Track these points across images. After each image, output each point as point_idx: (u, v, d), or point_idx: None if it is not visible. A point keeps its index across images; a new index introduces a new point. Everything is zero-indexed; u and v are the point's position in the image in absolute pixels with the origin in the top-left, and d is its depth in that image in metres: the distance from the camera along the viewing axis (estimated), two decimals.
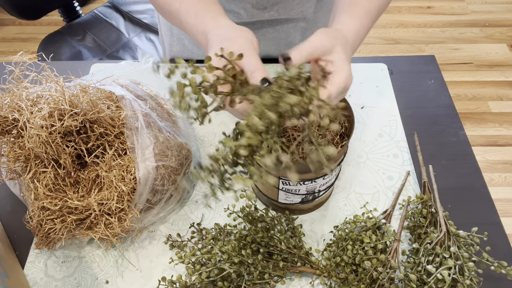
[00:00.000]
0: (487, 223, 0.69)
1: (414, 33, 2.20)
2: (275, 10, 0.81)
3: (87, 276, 0.65)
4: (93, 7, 2.27)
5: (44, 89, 0.62)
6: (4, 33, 2.23)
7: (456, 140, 0.80)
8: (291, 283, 0.64)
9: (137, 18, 1.44)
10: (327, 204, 0.72)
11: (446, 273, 0.54)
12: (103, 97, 0.64)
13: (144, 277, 0.65)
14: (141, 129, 0.62)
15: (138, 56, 0.79)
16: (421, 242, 0.63)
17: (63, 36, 1.38)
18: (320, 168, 0.44)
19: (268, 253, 0.62)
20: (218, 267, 0.57)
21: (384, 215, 0.67)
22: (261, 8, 0.80)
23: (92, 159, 0.62)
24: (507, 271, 0.56)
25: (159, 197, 0.66)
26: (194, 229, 0.67)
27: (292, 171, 0.42)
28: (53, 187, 0.61)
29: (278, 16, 0.82)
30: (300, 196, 0.65)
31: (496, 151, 1.73)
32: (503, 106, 1.87)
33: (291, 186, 0.62)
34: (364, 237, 0.61)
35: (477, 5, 2.31)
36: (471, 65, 2.04)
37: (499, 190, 1.61)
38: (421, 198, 0.68)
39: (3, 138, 0.61)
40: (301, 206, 0.69)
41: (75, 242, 0.67)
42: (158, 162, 0.63)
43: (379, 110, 0.85)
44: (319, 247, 0.68)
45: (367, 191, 0.74)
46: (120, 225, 0.61)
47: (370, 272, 0.58)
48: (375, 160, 0.77)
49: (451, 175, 0.75)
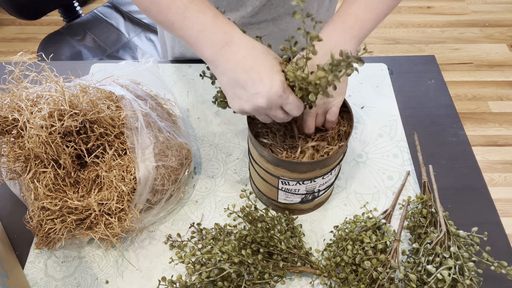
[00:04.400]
0: (487, 223, 0.69)
1: (414, 33, 2.20)
2: (281, 6, 0.81)
3: (87, 276, 0.65)
4: (93, 7, 2.27)
5: (44, 89, 0.62)
6: (4, 33, 2.23)
7: (456, 140, 0.80)
8: (291, 283, 0.64)
9: (137, 18, 1.44)
10: (327, 204, 0.72)
11: (446, 273, 0.54)
12: (103, 97, 0.64)
13: (144, 277, 0.65)
14: (141, 129, 0.62)
15: (138, 56, 0.79)
16: (421, 242, 0.63)
17: (63, 36, 1.38)
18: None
19: (268, 253, 0.62)
20: (218, 267, 0.57)
21: (384, 215, 0.67)
22: (268, 4, 0.80)
23: (92, 159, 0.62)
24: (507, 271, 0.56)
25: (159, 197, 0.66)
26: (194, 229, 0.67)
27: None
28: (53, 187, 0.61)
29: (283, 11, 0.83)
30: (300, 196, 0.65)
31: (496, 151, 1.72)
32: (503, 106, 1.87)
33: (290, 186, 0.62)
34: (364, 237, 0.61)
35: (477, 5, 2.31)
36: (471, 65, 2.04)
37: (499, 190, 1.61)
38: (421, 198, 0.68)
39: (3, 138, 0.61)
40: (301, 206, 0.69)
41: (75, 242, 0.67)
42: (158, 162, 0.63)
43: (379, 110, 0.85)
44: (319, 247, 0.68)
45: (367, 191, 0.74)
46: (120, 225, 0.61)
47: (370, 272, 0.58)
48: (375, 160, 0.77)
49: (451, 175, 0.75)
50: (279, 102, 0.51)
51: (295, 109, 0.53)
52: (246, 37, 0.53)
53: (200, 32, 0.53)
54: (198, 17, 0.53)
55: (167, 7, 0.54)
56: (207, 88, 0.89)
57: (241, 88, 0.52)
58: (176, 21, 0.54)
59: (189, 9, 0.53)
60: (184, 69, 0.92)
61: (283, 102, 0.51)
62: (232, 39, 0.52)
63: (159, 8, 0.55)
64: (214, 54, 0.53)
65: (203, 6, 0.53)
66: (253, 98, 0.51)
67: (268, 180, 0.64)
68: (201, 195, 0.74)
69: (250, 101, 0.51)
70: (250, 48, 0.52)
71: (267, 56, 0.52)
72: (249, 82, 0.51)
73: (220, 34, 0.52)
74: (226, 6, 0.80)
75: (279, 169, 0.60)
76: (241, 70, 0.51)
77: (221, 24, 0.53)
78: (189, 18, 0.53)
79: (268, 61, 0.52)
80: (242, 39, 0.52)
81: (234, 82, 0.52)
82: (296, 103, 0.52)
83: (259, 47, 0.53)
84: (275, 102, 0.51)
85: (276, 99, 0.51)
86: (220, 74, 0.54)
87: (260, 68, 0.51)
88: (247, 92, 0.51)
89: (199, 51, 0.54)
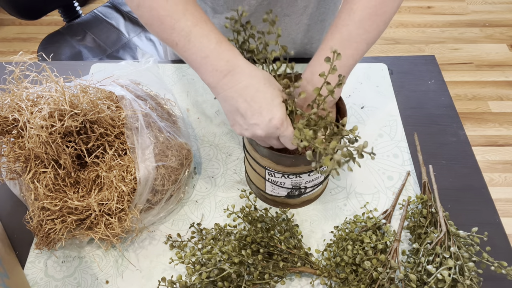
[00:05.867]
0: (487, 223, 0.69)
1: (414, 33, 2.20)
2: (279, 5, 0.81)
3: (87, 276, 0.65)
4: (93, 7, 2.27)
5: (44, 89, 0.62)
6: (4, 33, 2.23)
7: (456, 140, 0.80)
8: (291, 283, 0.64)
9: (137, 18, 1.44)
10: (327, 204, 0.72)
11: (446, 273, 0.54)
12: (103, 97, 0.64)
13: (144, 277, 0.65)
14: (141, 129, 0.62)
15: (138, 56, 0.79)
16: (421, 242, 0.63)
17: (63, 36, 1.38)
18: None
19: (268, 253, 0.62)
20: (218, 267, 0.57)
21: (384, 215, 0.67)
22: (265, 3, 0.80)
23: (92, 159, 0.62)
24: (507, 271, 0.56)
25: (159, 197, 0.66)
26: (194, 229, 0.67)
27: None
28: (53, 187, 0.61)
29: (281, 11, 0.82)
30: (286, 190, 0.66)
31: (496, 151, 1.73)
32: (503, 106, 1.87)
33: (276, 178, 0.63)
34: (364, 237, 0.61)
35: (477, 5, 2.31)
36: (471, 65, 2.04)
37: (499, 190, 1.61)
38: (421, 198, 0.68)
39: (3, 138, 0.61)
40: (288, 201, 0.69)
41: (75, 242, 0.67)
42: (158, 162, 0.63)
43: (379, 110, 0.85)
44: (319, 247, 0.68)
45: (367, 191, 0.74)
46: (120, 225, 0.61)
47: (370, 272, 0.58)
48: (375, 160, 0.77)
49: (451, 175, 0.75)
50: (276, 133, 0.53)
51: (289, 142, 0.55)
52: (248, 65, 0.54)
53: (203, 58, 0.53)
54: (202, 42, 0.53)
55: (171, 27, 0.54)
56: (207, 88, 0.89)
57: (241, 117, 0.53)
58: (180, 42, 0.54)
59: (193, 33, 0.53)
60: (184, 69, 0.92)
61: (280, 134, 0.53)
62: (235, 68, 0.53)
63: (163, 26, 0.55)
64: (216, 82, 0.54)
65: (206, 29, 0.53)
66: (252, 128, 0.53)
67: (257, 169, 0.65)
68: (201, 195, 0.74)
69: (250, 130, 0.53)
70: (253, 78, 0.53)
71: (268, 88, 0.53)
72: (248, 113, 0.52)
73: (223, 62, 0.53)
74: (223, 4, 0.80)
75: (265, 159, 0.61)
76: (242, 100, 0.52)
77: (224, 51, 0.53)
78: (193, 42, 0.53)
79: (269, 93, 0.52)
80: (244, 68, 0.53)
81: (235, 110, 0.53)
82: (291, 137, 0.54)
83: (261, 77, 0.53)
84: (272, 134, 0.53)
85: (273, 132, 0.53)
86: (222, 100, 0.55)
87: (261, 100, 0.52)
88: (247, 121, 0.53)
89: (201, 76, 0.55)
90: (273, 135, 0.54)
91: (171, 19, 0.53)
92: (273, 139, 0.56)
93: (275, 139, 0.56)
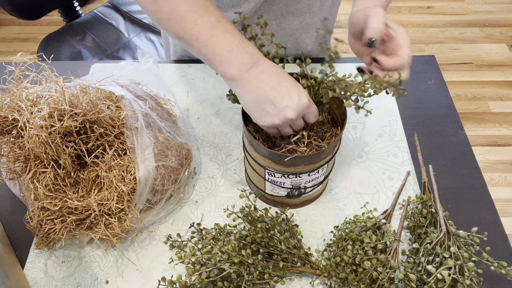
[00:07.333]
0: (487, 223, 0.69)
1: (414, 33, 2.20)
2: (283, 2, 0.81)
3: (87, 276, 0.65)
4: (93, 7, 2.27)
5: (44, 89, 0.62)
6: (4, 33, 2.23)
7: (456, 140, 0.80)
8: (291, 283, 0.64)
9: (137, 18, 1.44)
10: (327, 204, 0.72)
11: (446, 273, 0.54)
12: (103, 97, 0.64)
13: (144, 277, 0.65)
14: (141, 129, 0.62)
15: (138, 56, 0.79)
16: (421, 242, 0.63)
17: (63, 36, 1.38)
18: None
19: (268, 253, 0.62)
20: (218, 267, 0.57)
21: (384, 215, 0.67)
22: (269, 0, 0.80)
23: (92, 159, 0.62)
24: (507, 271, 0.56)
25: (159, 197, 0.66)
26: (194, 229, 0.67)
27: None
28: (53, 187, 0.61)
29: (285, 9, 0.83)
30: (286, 190, 0.66)
31: (496, 151, 1.73)
32: (503, 106, 1.87)
33: (276, 178, 0.63)
34: (364, 237, 0.61)
35: (477, 5, 2.31)
36: (471, 65, 2.04)
37: (499, 190, 1.61)
38: (421, 198, 0.68)
39: (3, 138, 0.61)
40: (288, 200, 0.69)
41: (75, 242, 0.67)
42: (158, 162, 0.63)
43: (379, 110, 0.85)
44: (319, 247, 0.68)
45: (367, 191, 0.74)
46: (120, 225, 0.61)
47: (370, 272, 0.58)
48: (375, 160, 0.77)
49: (451, 175, 0.75)
50: (306, 112, 0.57)
51: (313, 117, 0.59)
52: (267, 59, 0.58)
53: (228, 52, 0.55)
54: (227, 37, 0.56)
55: (193, 22, 0.56)
56: (207, 88, 0.89)
57: (270, 104, 0.55)
58: (202, 37, 0.56)
59: (217, 28, 0.56)
60: (184, 69, 0.92)
61: (307, 111, 0.57)
62: (258, 60, 0.56)
63: (183, 21, 0.56)
64: (242, 74, 0.56)
65: (230, 27, 0.57)
66: (283, 111, 0.55)
67: (257, 169, 0.65)
68: (201, 195, 0.74)
69: (280, 114, 0.55)
70: (274, 68, 0.57)
71: (287, 75, 0.57)
72: (278, 98, 0.55)
73: (248, 56, 0.56)
74: (228, 2, 0.80)
75: (265, 159, 0.61)
76: (269, 87, 0.55)
77: (248, 46, 0.57)
78: (217, 36, 0.56)
79: (290, 78, 0.57)
80: (266, 61, 0.57)
81: (263, 99, 0.55)
82: (315, 112, 0.58)
83: (280, 68, 0.58)
84: (302, 112, 0.56)
85: (303, 110, 0.56)
86: (246, 93, 0.57)
87: (287, 85, 0.55)
88: (277, 107, 0.55)
89: (223, 69, 0.57)
90: (303, 113, 0.56)
91: (194, 13, 0.55)
92: (300, 119, 0.58)
93: (301, 119, 0.58)
